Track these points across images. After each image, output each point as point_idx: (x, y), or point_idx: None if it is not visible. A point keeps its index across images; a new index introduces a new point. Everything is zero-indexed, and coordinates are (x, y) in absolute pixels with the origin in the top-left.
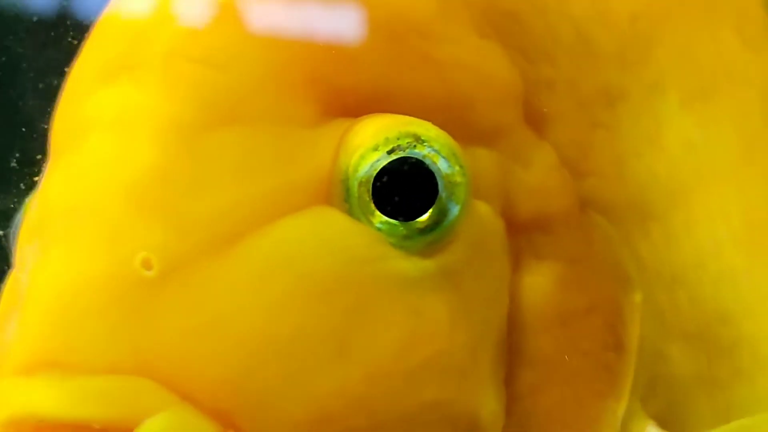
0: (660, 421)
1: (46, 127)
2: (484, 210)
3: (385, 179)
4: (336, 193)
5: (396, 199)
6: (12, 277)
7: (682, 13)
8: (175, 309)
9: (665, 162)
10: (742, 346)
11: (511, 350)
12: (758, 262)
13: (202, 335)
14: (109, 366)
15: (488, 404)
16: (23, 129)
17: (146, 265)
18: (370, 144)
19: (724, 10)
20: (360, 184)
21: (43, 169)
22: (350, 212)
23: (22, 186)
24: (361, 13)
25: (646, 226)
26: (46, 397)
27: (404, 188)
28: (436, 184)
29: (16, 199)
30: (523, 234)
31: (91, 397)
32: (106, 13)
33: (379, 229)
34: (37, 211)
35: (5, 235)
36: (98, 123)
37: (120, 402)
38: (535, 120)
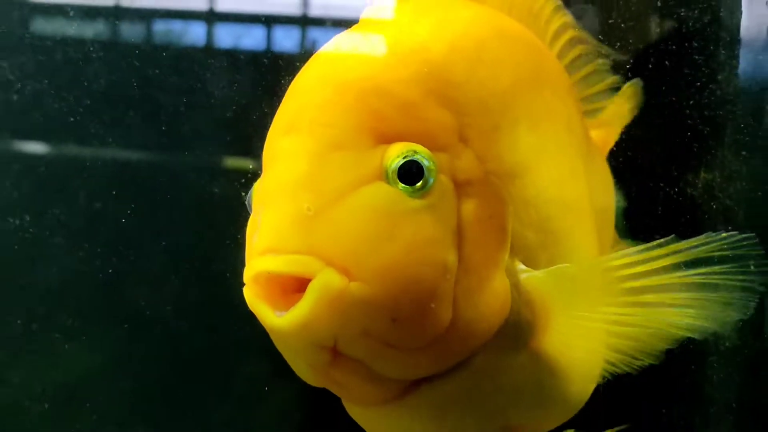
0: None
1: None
2: (443, 178)
3: (402, 169)
4: (383, 176)
5: (407, 176)
6: (251, 220)
7: (525, 81)
8: (322, 227)
9: (521, 154)
10: (557, 230)
11: (460, 236)
12: (563, 196)
13: (334, 238)
14: (296, 250)
15: (451, 259)
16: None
17: (308, 209)
18: (394, 155)
19: (545, 78)
20: (392, 172)
21: (260, 172)
22: (390, 184)
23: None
24: (390, 97)
25: (514, 181)
26: (269, 263)
27: (410, 172)
28: (423, 169)
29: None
30: (461, 188)
31: (289, 262)
32: (291, 88)
33: (401, 190)
34: (260, 191)
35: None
36: (282, 153)
37: (303, 265)
38: (463, 139)
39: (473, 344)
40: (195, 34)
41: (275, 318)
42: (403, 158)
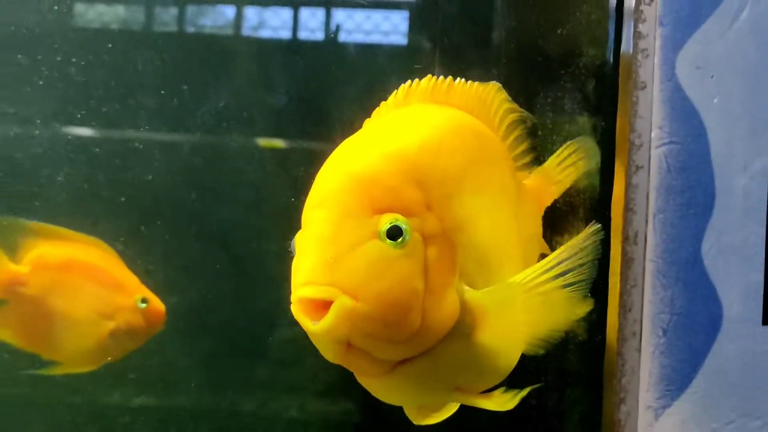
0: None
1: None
2: (416, 234)
3: (389, 231)
4: (378, 236)
5: (392, 235)
6: (294, 261)
7: (471, 161)
8: (340, 269)
9: (466, 213)
10: (491, 262)
11: (426, 270)
12: (496, 238)
13: (347, 276)
14: (323, 283)
15: (420, 286)
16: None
17: (331, 257)
18: (384, 222)
19: (485, 155)
20: (383, 233)
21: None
22: (382, 240)
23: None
24: (381, 183)
25: (462, 232)
26: (307, 291)
27: (394, 233)
28: (402, 231)
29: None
30: (427, 239)
31: (319, 291)
32: (319, 174)
33: (389, 244)
34: (300, 242)
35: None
36: (314, 220)
37: (327, 293)
38: (428, 207)
39: (435, 338)
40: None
41: (311, 325)
42: (390, 224)
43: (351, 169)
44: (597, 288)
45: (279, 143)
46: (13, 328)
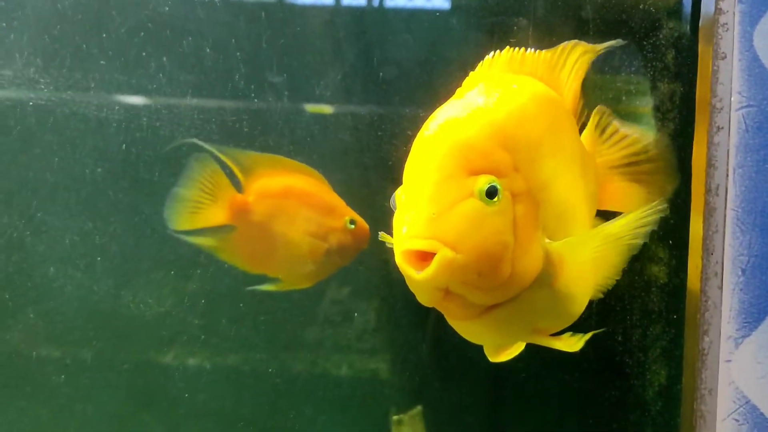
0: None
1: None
2: (507, 194)
3: (485, 191)
4: (475, 195)
5: (488, 194)
6: (396, 216)
7: (548, 128)
8: (441, 224)
9: (546, 174)
10: (566, 217)
11: (514, 225)
12: (570, 197)
13: (448, 230)
14: (427, 237)
15: (510, 239)
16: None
17: (433, 213)
18: (481, 183)
19: (559, 122)
20: (480, 192)
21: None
22: (478, 199)
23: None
24: (476, 148)
25: (543, 191)
26: (413, 243)
27: (489, 192)
28: (496, 190)
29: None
30: (515, 197)
31: (424, 244)
32: (417, 140)
33: (484, 202)
34: (403, 200)
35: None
36: (417, 180)
37: (430, 245)
38: (515, 169)
39: (522, 286)
40: None
41: (415, 274)
42: (486, 185)
43: (449, 135)
44: (677, 236)
45: (327, 109)
46: (241, 252)
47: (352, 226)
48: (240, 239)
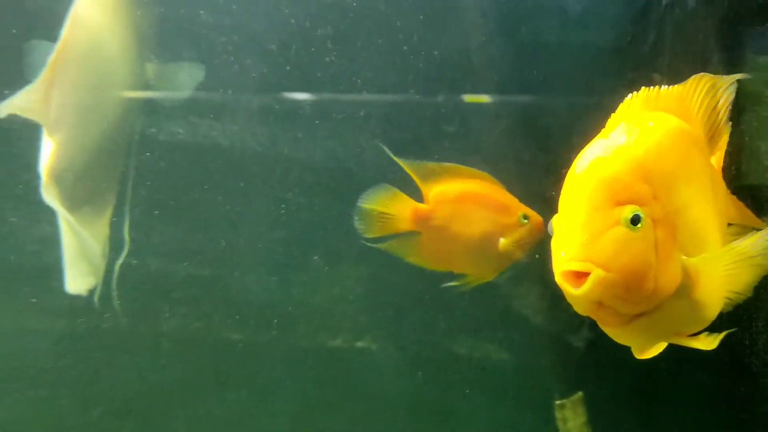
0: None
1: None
2: (648, 220)
3: (630, 219)
4: (621, 223)
5: (632, 222)
6: (553, 241)
7: (682, 158)
8: (594, 248)
9: (681, 200)
10: (701, 236)
11: (656, 246)
12: (703, 217)
13: (600, 253)
14: (583, 259)
15: (653, 259)
16: None
17: (587, 240)
18: (627, 212)
19: (692, 150)
20: (626, 220)
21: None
22: (624, 226)
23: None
24: (621, 182)
25: (678, 215)
26: (571, 266)
27: (634, 220)
28: (639, 217)
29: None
30: (655, 222)
31: (580, 265)
32: (569, 175)
33: (629, 228)
34: (559, 226)
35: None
36: (572, 210)
37: (586, 266)
38: (654, 198)
39: (663, 297)
40: None
41: (573, 290)
42: (631, 214)
43: (597, 172)
44: None
45: (484, 98)
46: (426, 254)
47: (526, 221)
48: (425, 243)
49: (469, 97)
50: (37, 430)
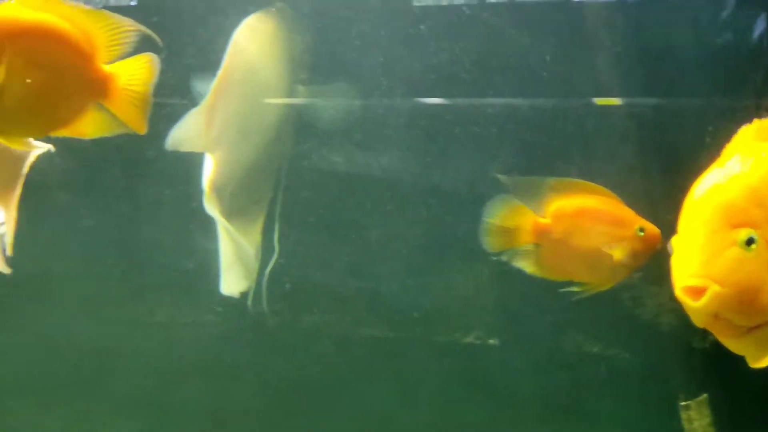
0: None
1: None
2: (761, 240)
3: (745, 241)
4: (737, 244)
5: (747, 243)
6: (673, 258)
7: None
8: (711, 267)
9: None
10: None
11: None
12: None
13: (717, 271)
14: (701, 276)
15: (765, 276)
16: None
17: (704, 259)
18: (742, 235)
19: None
20: (741, 242)
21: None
22: (740, 247)
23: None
24: (737, 207)
25: None
26: (691, 281)
27: (749, 241)
28: (754, 239)
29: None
30: (766, 243)
31: (699, 281)
32: (688, 200)
33: (744, 249)
34: (679, 247)
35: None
36: (691, 233)
37: (704, 282)
38: (766, 220)
39: None
40: None
41: (692, 303)
42: (747, 236)
43: (715, 198)
44: None
45: (615, 101)
46: (546, 266)
47: (642, 234)
48: (545, 255)
49: (600, 100)
50: (211, 414)
